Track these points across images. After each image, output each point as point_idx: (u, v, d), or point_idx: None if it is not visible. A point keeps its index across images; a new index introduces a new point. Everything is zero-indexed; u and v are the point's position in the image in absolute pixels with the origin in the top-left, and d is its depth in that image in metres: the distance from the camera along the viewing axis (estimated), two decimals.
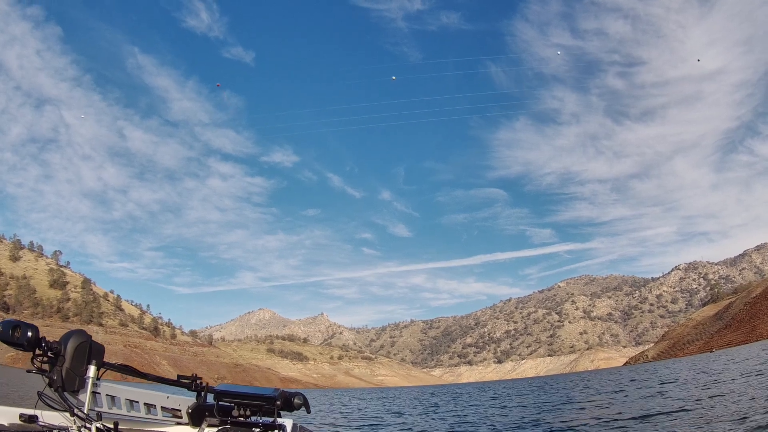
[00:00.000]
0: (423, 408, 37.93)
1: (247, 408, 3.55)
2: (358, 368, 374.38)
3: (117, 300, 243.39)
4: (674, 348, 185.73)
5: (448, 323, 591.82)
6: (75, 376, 3.17)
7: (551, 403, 29.62)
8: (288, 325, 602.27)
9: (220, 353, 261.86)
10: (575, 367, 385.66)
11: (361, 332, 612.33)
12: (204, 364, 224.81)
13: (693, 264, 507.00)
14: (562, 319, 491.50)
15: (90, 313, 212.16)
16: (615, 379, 55.15)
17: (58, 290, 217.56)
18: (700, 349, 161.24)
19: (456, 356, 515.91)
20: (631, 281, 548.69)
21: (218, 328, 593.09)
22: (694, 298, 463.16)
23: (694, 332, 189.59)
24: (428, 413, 31.57)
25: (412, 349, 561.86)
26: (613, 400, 26.93)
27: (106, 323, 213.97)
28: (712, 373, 35.58)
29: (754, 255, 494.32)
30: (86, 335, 3.31)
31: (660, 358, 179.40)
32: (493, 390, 69.73)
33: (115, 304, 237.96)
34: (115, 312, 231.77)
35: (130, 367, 3.69)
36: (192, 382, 3.84)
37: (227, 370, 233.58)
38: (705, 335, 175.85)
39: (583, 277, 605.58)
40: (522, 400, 37.53)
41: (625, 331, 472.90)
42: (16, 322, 3.05)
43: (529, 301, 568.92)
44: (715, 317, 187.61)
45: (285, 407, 3.57)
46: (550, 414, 22.66)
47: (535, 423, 19.21)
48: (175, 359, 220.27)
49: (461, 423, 22.86)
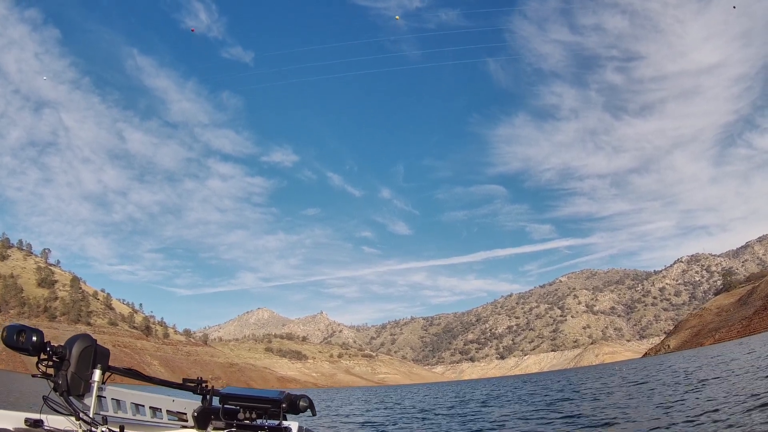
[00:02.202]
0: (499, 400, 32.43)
1: (252, 411, 3.54)
2: (358, 366, 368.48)
3: (107, 298, 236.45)
4: (698, 337, 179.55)
5: (449, 320, 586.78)
6: (80, 380, 3.18)
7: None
8: (287, 324, 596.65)
9: (214, 353, 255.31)
10: (580, 361, 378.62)
11: (361, 330, 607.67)
12: (197, 364, 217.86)
13: (695, 256, 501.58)
14: (564, 314, 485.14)
15: (78, 312, 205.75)
16: (673, 371, 45.92)
17: (46, 289, 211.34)
18: (729, 336, 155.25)
19: (458, 353, 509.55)
20: (632, 275, 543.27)
21: (216, 328, 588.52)
22: (698, 290, 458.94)
23: (718, 320, 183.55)
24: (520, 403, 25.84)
25: (413, 346, 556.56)
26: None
27: (94, 322, 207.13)
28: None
29: (756, 246, 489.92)
30: (91, 339, 3.31)
31: (684, 347, 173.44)
32: (534, 383, 63.11)
33: (105, 303, 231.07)
34: (104, 311, 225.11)
35: (135, 371, 3.69)
36: (197, 385, 3.83)
37: (222, 369, 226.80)
38: (731, 322, 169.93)
39: (584, 271, 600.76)
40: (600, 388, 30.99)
41: (628, 325, 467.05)
42: (20, 326, 3.05)
43: (530, 297, 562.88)
44: (738, 303, 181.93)
45: (290, 410, 3.55)
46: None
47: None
48: (167, 359, 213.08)
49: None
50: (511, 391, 44.24)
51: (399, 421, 24.48)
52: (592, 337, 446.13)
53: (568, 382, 47.46)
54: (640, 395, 22.48)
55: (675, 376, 30.39)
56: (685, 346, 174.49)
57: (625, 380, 36.37)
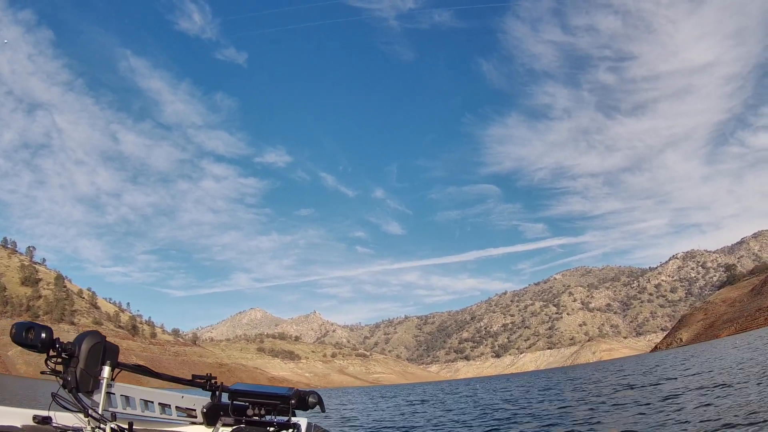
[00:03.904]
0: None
1: (261, 407, 3.58)
2: (352, 366, 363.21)
3: (92, 297, 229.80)
4: (712, 329, 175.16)
5: (443, 318, 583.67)
6: (89, 377, 3.17)
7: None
8: (280, 324, 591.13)
9: (203, 353, 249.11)
10: (577, 359, 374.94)
11: (355, 329, 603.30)
12: (185, 365, 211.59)
13: (690, 253, 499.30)
14: (560, 311, 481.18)
15: (61, 311, 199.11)
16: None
17: (29, 287, 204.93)
18: (747, 326, 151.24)
19: (452, 351, 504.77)
20: (627, 272, 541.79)
21: (209, 329, 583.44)
22: (694, 287, 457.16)
23: (732, 310, 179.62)
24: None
25: (407, 345, 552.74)
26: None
27: (78, 321, 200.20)
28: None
29: (752, 242, 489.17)
30: (100, 336, 3.31)
31: (698, 340, 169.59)
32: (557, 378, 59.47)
33: (90, 302, 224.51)
34: (89, 310, 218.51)
35: (144, 368, 3.71)
36: (207, 381, 3.84)
37: (211, 370, 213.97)
38: (747, 312, 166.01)
39: (579, 268, 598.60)
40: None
41: (624, 322, 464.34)
42: (29, 323, 3.04)
43: (524, 294, 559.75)
44: (752, 294, 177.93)
45: (300, 406, 3.59)
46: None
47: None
48: (153, 359, 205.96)
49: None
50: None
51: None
52: (589, 334, 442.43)
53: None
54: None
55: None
56: (699, 339, 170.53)
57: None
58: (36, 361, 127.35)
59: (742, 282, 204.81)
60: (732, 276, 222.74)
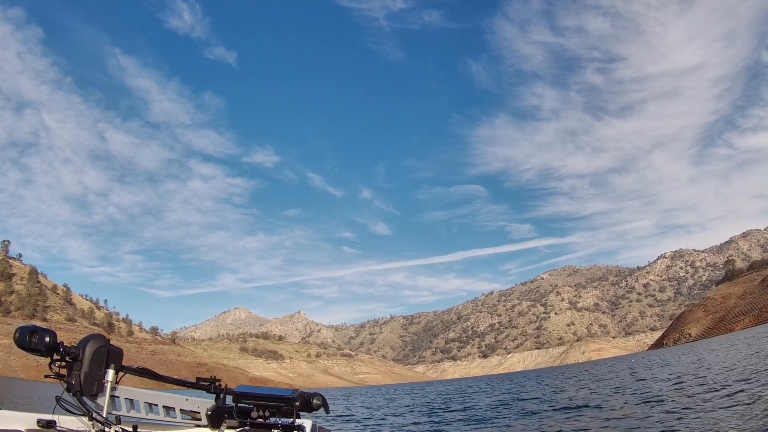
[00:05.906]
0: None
1: (266, 409, 3.56)
2: (337, 366, 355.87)
3: (67, 293, 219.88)
4: (724, 322, 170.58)
5: (429, 318, 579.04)
6: (93, 381, 3.18)
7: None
8: (264, 324, 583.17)
9: (182, 352, 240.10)
10: (565, 359, 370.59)
11: (340, 330, 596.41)
12: (162, 363, 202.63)
13: (679, 252, 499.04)
14: (548, 311, 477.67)
15: (34, 307, 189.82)
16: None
17: (2, 282, 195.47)
18: (764, 318, 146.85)
19: (439, 352, 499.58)
20: (615, 271, 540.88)
21: (193, 329, 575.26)
22: (683, 286, 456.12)
23: (743, 303, 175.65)
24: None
25: (392, 345, 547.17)
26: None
27: (51, 318, 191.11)
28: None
29: (740, 242, 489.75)
30: (104, 339, 3.32)
31: (709, 335, 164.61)
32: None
33: (64, 298, 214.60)
34: (63, 306, 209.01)
35: (148, 371, 3.70)
36: (211, 384, 3.85)
37: (189, 369, 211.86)
38: (760, 304, 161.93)
39: (566, 268, 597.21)
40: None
41: (613, 321, 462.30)
42: (33, 327, 3.04)
43: (511, 294, 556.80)
44: (762, 286, 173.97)
45: (304, 408, 3.58)
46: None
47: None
48: (128, 358, 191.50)
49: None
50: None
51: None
52: (577, 334, 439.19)
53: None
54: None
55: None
56: (710, 334, 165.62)
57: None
58: (36, 365, 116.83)
59: (741, 278, 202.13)
60: (731, 272, 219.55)
